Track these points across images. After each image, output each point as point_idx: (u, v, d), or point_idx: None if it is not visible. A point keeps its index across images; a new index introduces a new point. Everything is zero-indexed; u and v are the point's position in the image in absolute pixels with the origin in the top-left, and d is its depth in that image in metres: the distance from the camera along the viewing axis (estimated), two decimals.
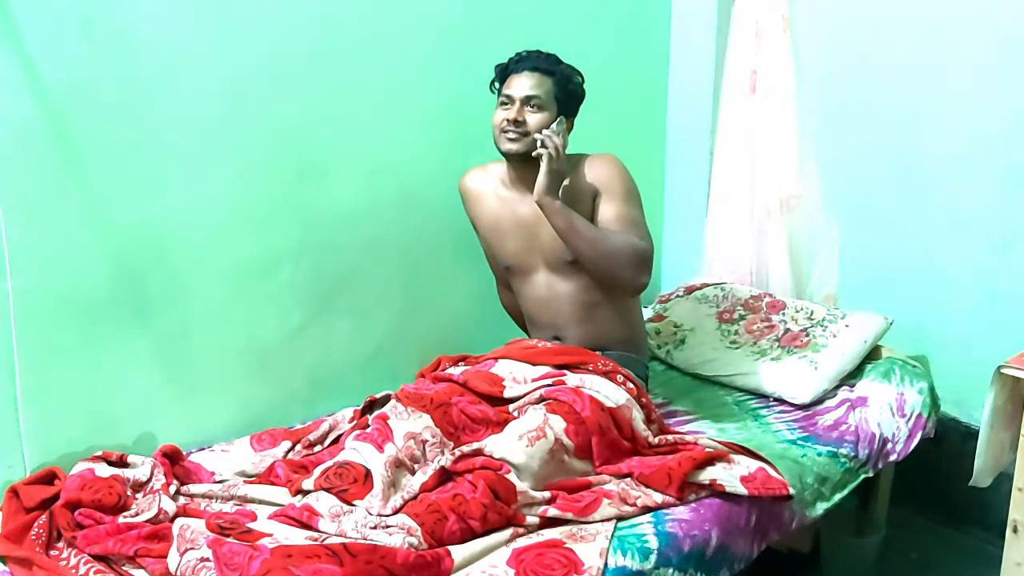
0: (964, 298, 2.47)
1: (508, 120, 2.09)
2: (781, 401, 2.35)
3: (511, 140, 2.10)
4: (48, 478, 1.89)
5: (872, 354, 2.44)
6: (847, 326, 2.44)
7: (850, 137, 2.63)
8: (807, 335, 2.45)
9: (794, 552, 2.31)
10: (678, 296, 2.76)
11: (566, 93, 2.13)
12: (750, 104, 2.74)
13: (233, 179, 2.11)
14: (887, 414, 2.26)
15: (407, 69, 2.34)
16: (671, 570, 1.74)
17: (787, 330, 2.49)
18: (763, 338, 2.49)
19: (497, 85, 2.16)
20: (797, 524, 2.00)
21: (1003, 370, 1.90)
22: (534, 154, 2.06)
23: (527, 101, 2.09)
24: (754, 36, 2.70)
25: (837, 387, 2.36)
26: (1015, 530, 1.89)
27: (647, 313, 2.67)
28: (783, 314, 2.55)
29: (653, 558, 1.72)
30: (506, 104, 2.12)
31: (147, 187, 1.99)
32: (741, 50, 2.74)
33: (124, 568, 1.67)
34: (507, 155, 2.13)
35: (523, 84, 2.10)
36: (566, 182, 2.11)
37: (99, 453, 1.93)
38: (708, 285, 2.77)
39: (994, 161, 2.37)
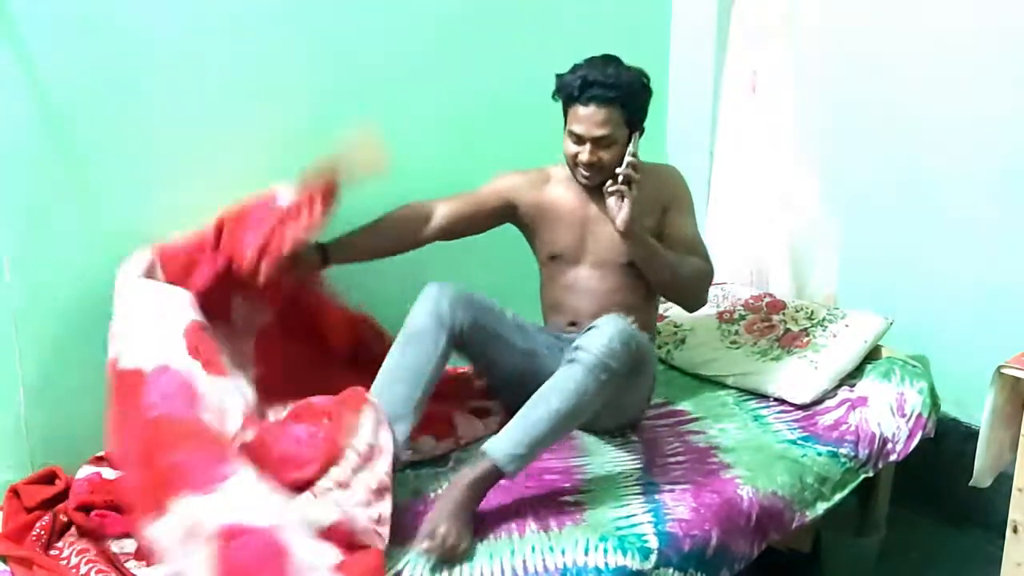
0: (964, 298, 2.47)
1: (583, 162, 2.07)
2: (781, 401, 2.34)
3: (587, 178, 2.10)
4: (49, 478, 1.89)
5: (872, 354, 2.44)
6: (847, 326, 2.45)
7: (850, 137, 2.64)
8: (807, 335, 2.45)
9: (794, 552, 2.31)
10: None
11: (634, 112, 2.07)
12: (750, 104, 2.74)
13: (233, 179, 2.11)
14: (887, 414, 2.26)
15: (409, 68, 2.34)
16: (671, 570, 1.74)
17: (787, 330, 2.49)
18: (763, 338, 2.49)
19: (559, 101, 2.09)
20: (797, 524, 2.01)
21: (1003, 370, 1.90)
22: (612, 190, 1.99)
23: (598, 142, 2.05)
24: (754, 36, 2.70)
25: (837, 387, 2.36)
26: (1015, 530, 1.90)
27: None
28: (783, 314, 2.55)
29: (653, 558, 1.72)
30: (576, 140, 2.07)
31: (148, 187, 1.99)
32: (741, 50, 2.74)
33: (127, 566, 1.67)
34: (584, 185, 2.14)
35: (591, 122, 2.03)
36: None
37: (103, 454, 1.94)
38: None
39: (994, 161, 2.37)
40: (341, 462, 1.69)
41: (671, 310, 2.69)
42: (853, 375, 2.39)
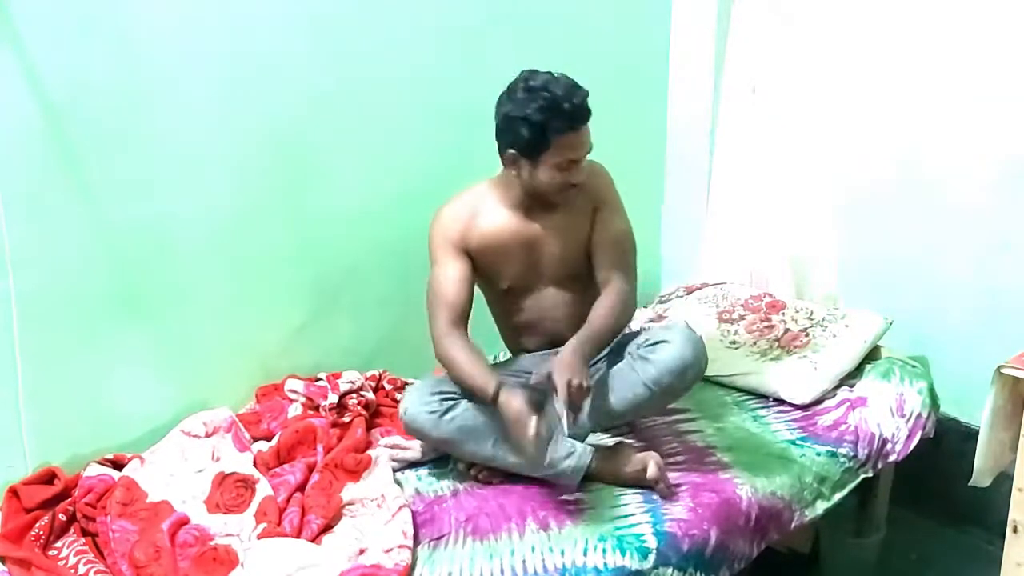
0: (964, 298, 2.47)
1: (577, 183, 1.99)
2: (780, 401, 2.34)
3: (569, 198, 2.03)
4: (48, 478, 1.90)
5: (872, 354, 2.44)
6: (847, 326, 2.44)
7: (850, 136, 2.63)
8: (807, 335, 2.45)
9: (794, 552, 2.31)
10: (678, 296, 2.76)
11: None
12: (750, 104, 2.74)
13: (233, 178, 2.11)
14: (887, 414, 2.26)
15: (407, 69, 2.34)
16: (670, 569, 1.74)
17: (787, 330, 2.49)
18: (762, 338, 2.49)
19: (543, 138, 1.91)
20: (796, 524, 2.01)
21: (1003, 370, 1.90)
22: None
23: (582, 158, 1.99)
24: (754, 36, 2.70)
25: (837, 387, 2.36)
26: (1015, 530, 1.89)
27: (647, 313, 2.68)
28: (783, 314, 2.55)
29: (652, 557, 1.72)
30: (567, 168, 1.96)
31: (147, 187, 1.99)
32: (741, 50, 2.74)
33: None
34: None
35: (584, 142, 1.96)
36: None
37: (110, 456, 1.95)
38: (708, 285, 2.77)
39: (994, 161, 2.37)
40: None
41: (669, 310, 2.69)
42: (852, 375, 2.39)
